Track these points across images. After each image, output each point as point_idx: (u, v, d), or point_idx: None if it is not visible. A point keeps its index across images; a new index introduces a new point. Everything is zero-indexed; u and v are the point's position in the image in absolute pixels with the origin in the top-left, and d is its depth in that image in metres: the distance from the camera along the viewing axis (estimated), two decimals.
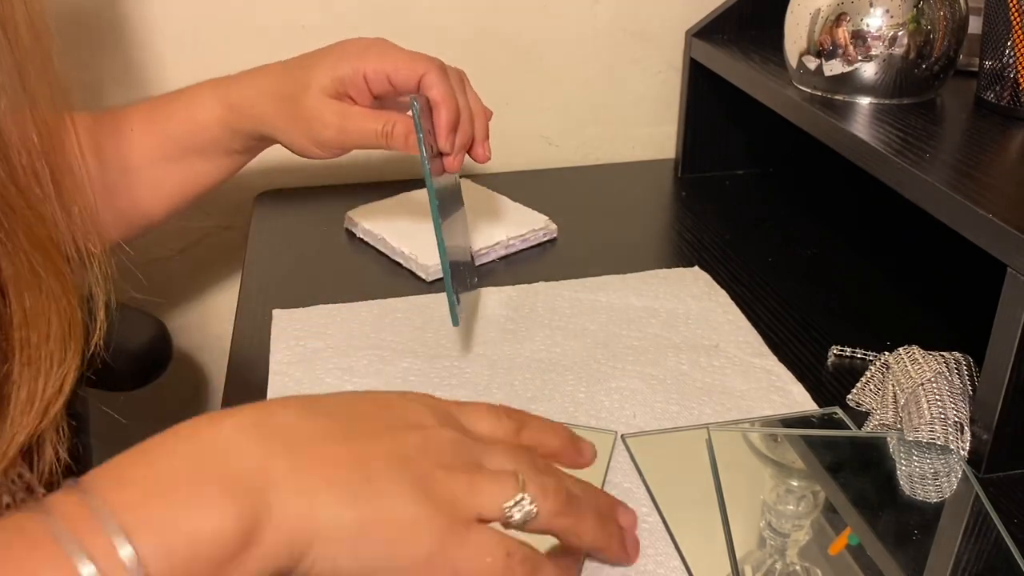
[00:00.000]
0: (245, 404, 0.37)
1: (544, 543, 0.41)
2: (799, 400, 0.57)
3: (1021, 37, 0.60)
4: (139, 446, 0.35)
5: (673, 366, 0.61)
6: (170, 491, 0.33)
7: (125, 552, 0.31)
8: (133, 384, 0.68)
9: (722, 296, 0.69)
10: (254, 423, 0.36)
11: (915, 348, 0.57)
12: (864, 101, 0.67)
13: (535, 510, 0.38)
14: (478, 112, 0.62)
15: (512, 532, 0.38)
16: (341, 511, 0.35)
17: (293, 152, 0.62)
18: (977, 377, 0.54)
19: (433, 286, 0.71)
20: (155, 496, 0.33)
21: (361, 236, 0.78)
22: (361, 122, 0.57)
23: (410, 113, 0.55)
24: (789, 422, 0.55)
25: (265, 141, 0.64)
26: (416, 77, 0.55)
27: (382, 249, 0.76)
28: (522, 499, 0.38)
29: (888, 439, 0.53)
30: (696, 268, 0.73)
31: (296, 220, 0.85)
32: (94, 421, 0.70)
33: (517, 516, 0.38)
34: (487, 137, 0.62)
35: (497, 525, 0.38)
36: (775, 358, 0.61)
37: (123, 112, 0.63)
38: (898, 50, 0.65)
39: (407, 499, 0.36)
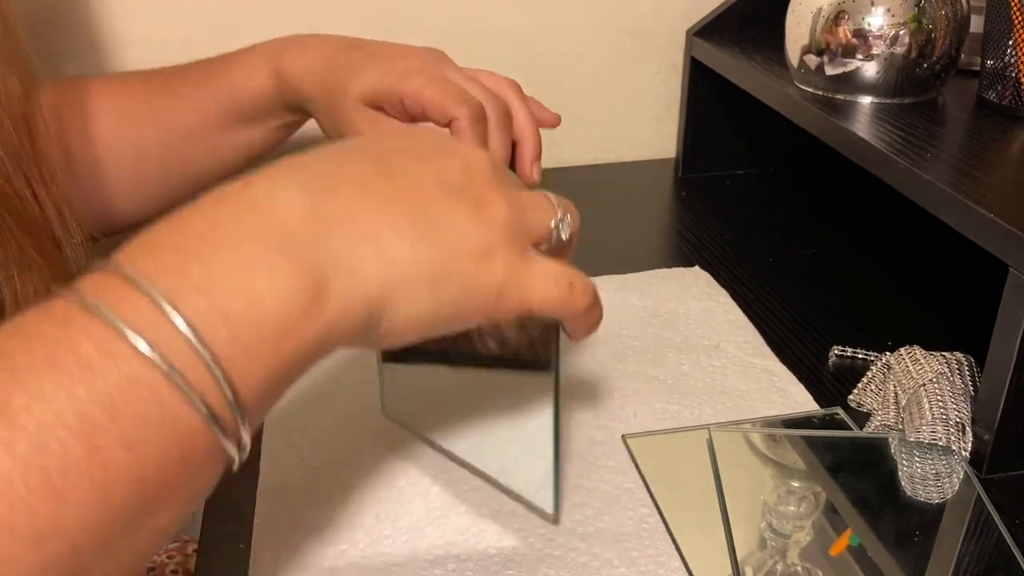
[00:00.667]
0: (265, 166, 0.33)
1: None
2: (800, 401, 0.57)
3: (1023, 36, 0.60)
4: (166, 218, 0.30)
5: (673, 366, 0.60)
6: (214, 252, 0.29)
7: (175, 318, 0.27)
8: None
9: (723, 296, 0.69)
10: (285, 173, 0.32)
11: (916, 348, 0.57)
12: (865, 100, 0.67)
13: (571, 225, 0.38)
14: (524, 137, 0.55)
15: None
16: (416, 250, 0.32)
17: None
18: (979, 377, 0.54)
19: None
20: (197, 259, 0.28)
21: None
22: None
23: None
24: (790, 422, 0.55)
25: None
26: (446, 120, 0.50)
27: None
28: (563, 216, 0.38)
29: (889, 440, 0.53)
30: (696, 268, 0.73)
31: None
32: None
33: (564, 232, 0.38)
34: (535, 159, 0.56)
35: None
36: (776, 358, 0.61)
37: (165, 76, 0.62)
38: (899, 49, 0.64)
39: (471, 227, 0.34)
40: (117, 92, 0.61)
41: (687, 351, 0.62)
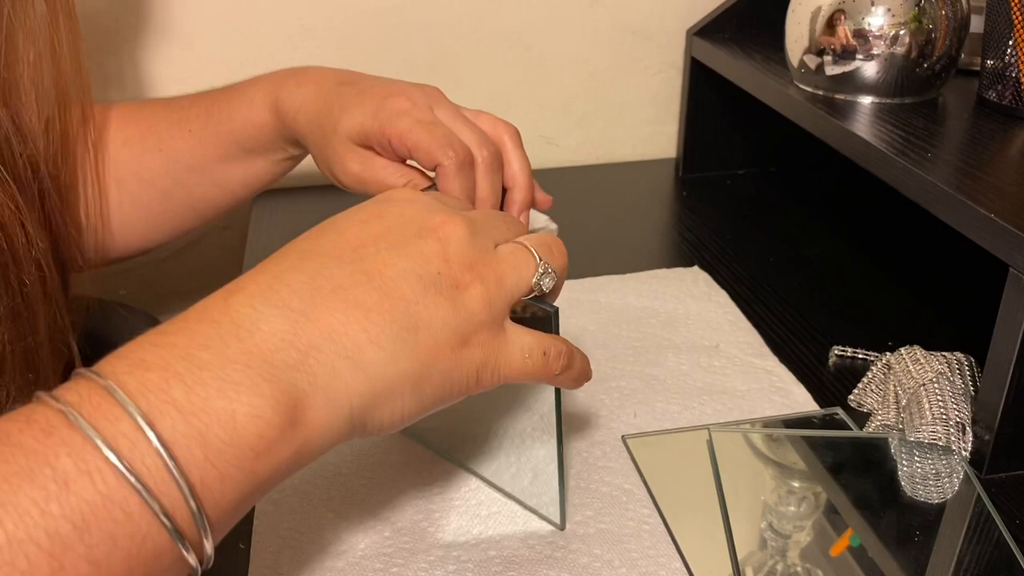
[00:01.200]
0: (242, 275, 0.34)
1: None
2: (800, 401, 0.57)
3: (1023, 36, 0.60)
4: (150, 332, 0.31)
5: (673, 366, 0.60)
6: (196, 374, 0.29)
7: (151, 437, 0.28)
8: None
9: (722, 296, 0.69)
10: (263, 291, 0.33)
11: (917, 348, 0.57)
12: (865, 100, 0.67)
13: (552, 271, 0.39)
14: (515, 185, 0.53)
15: None
16: (397, 360, 0.33)
17: None
18: (979, 377, 0.54)
19: None
20: (178, 378, 0.29)
21: None
22: (382, 175, 0.52)
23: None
24: (790, 423, 0.55)
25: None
26: (432, 165, 0.49)
27: None
28: (543, 266, 0.38)
29: (890, 440, 0.53)
30: (696, 268, 0.73)
31: (295, 220, 0.84)
32: None
33: (546, 284, 0.38)
34: (523, 209, 0.54)
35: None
36: (776, 359, 0.61)
37: (174, 107, 0.63)
38: (899, 49, 0.64)
39: (450, 319, 0.35)
40: (126, 121, 0.61)
41: (687, 351, 0.62)
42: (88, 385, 0.29)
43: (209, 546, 0.30)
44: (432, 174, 0.50)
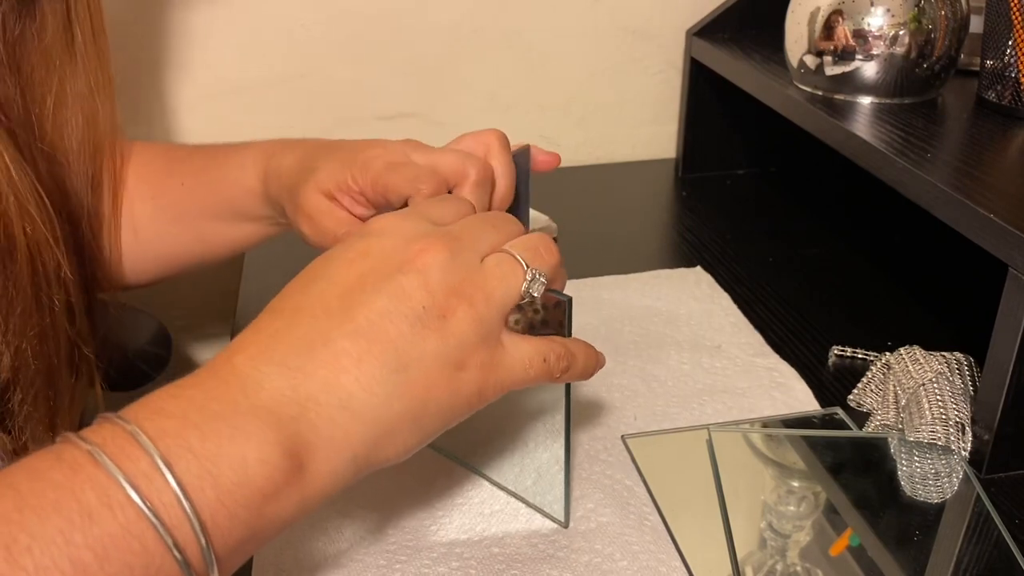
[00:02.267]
0: (243, 333, 0.36)
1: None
2: (801, 398, 0.57)
3: (1022, 36, 0.60)
4: (167, 386, 0.34)
5: (675, 365, 0.60)
6: (210, 423, 0.32)
7: (168, 478, 0.30)
8: (132, 384, 0.68)
9: (724, 299, 0.69)
10: (262, 351, 0.35)
11: (916, 348, 0.57)
12: (865, 101, 0.67)
13: (540, 275, 0.39)
14: (497, 195, 0.52)
15: None
16: (392, 402, 0.35)
17: None
18: (978, 377, 0.54)
19: None
20: (194, 426, 0.32)
21: None
22: (332, 223, 0.50)
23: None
24: (790, 422, 0.55)
25: None
26: (403, 201, 0.47)
27: None
28: (531, 272, 0.39)
29: (889, 440, 0.53)
30: (698, 268, 0.73)
31: None
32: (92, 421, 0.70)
33: (536, 291, 0.39)
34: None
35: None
36: (777, 356, 0.61)
37: (172, 157, 0.63)
38: (899, 49, 0.64)
39: (441, 350, 0.36)
40: (124, 161, 0.61)
41: (688, 350, 0.62)
42: (112, 428, 0.31)
43: None
44: None
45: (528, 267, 0.39)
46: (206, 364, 0.35)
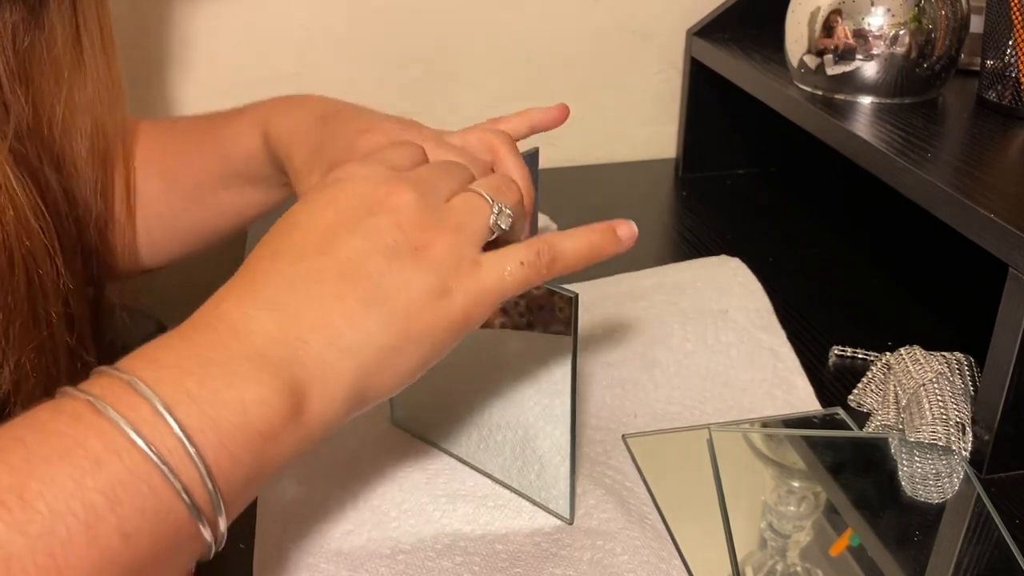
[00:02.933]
0: (228, 282, 0.37)
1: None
2: (802, 396, 0.57)
3: (1022, 36, 0.60)
4: (159, 337, 0.34)
5: (677, 345, 0.60)
6: (206, 370, 0.32)
7: (170, 422, 0.30)
8: None
9: (755, 285, 0.69)
10: (248, 295, 0.36)
11: (916, 348, 0.57)
12: (865, 100, 0.67)
13: (507, 210, 0.40)
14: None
15: None
16: (378, 333, 0.35)
17: None
18: (979, 377, 0.54)
19: None
20: (189, 373, 0.32)
21: None
22: None
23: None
24: (790, 422, 0.55)
25: None
26: None
27: None
28: (497, 207, 0.40)
29: (889, 440, 0.53)
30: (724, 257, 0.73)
31: None
32: None
33: (503, 223, 0.40)
34: (528, 214, 0.52)
35: None
36: (783, 337, 0.62)
37: (177, 131, 0.62)
38: (899, 49, 0.64)
39: (418, 278, 0.36)
40: (132, 140, 0.61)
41: (693, 317, 0.62)
42: (109, 379, 0.31)
43: (223, 524, 0.32)
44: None
45: (493, 201, 0.40)
46: (193, 315, 0.35)
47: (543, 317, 0.44)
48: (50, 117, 0.51)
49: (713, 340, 0.60)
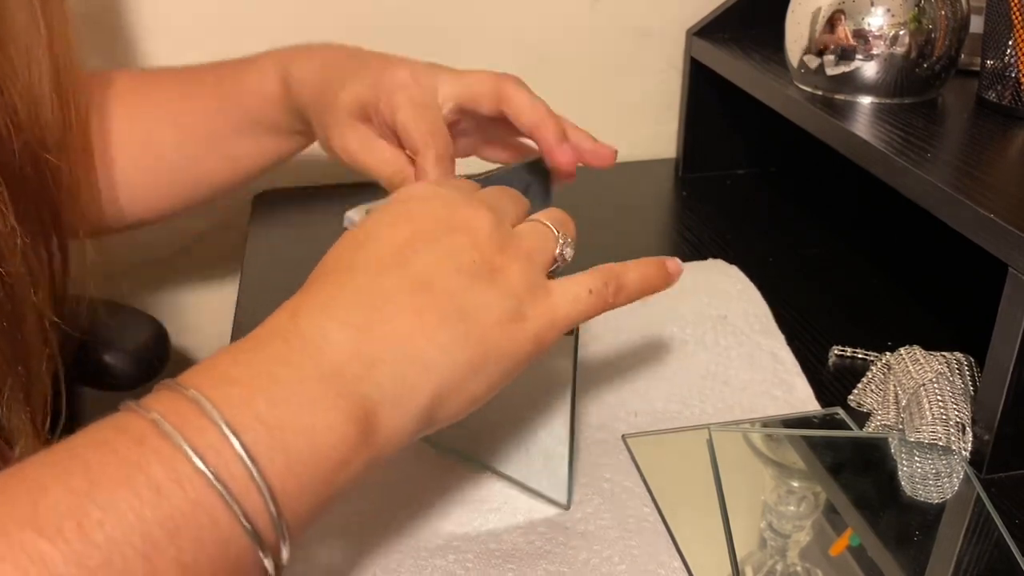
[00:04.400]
0: (299, 293, 0.36)
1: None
2: (802, 396, 0.57)
3: (1022, 36, 0.60)
4: (228, 348, 0.33)
5: (677, 347, 0.60)
6: (277, 390, 0.31)
7: (237, 448, 0.29)
8: (130, 384, 0.68)
9: (753, 290, 0.69)
10: (323, 309, 0.34)
11: (916, 348, 0.57)
12: (865, 100, 0.67)
13: (570, 241, 0.41)
14: (536, 122, 0.55)
15: None
16: (454, 352, 0.35)
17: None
18: (979, 377, 0.54)
19: None
20: (260, 393, 0.31)
21: None
22: (374, 161, 0.52)
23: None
24: (790, 423, 0.55)
25: None
26: (412, 151, 0.49)
27: None
28: (563, 237, 0.41)
29: (889, 440, 0.53)
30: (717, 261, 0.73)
31: (296, 220, 0.84)
32: (90, 421, 0.70)
33: (568, 254, 0.41)
34: (559, 141, 0.57)
35: None
36: (783, 340, 0.61)
37: (183, 78, 0.62)
38: (899, 49, 0.64)
39: (494, 300, 0.36)
40: (135, 90, 0.60)
41: (692, 320, 0.62)
42: (173, 397, 0.31)
43: (286, 552, 0.31)
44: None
45: (558, 233, 0.41)
46: (265, 323, 0.35)
47: None
48: (17, 91, 0.47)
49: (712, 342, 0.60)
